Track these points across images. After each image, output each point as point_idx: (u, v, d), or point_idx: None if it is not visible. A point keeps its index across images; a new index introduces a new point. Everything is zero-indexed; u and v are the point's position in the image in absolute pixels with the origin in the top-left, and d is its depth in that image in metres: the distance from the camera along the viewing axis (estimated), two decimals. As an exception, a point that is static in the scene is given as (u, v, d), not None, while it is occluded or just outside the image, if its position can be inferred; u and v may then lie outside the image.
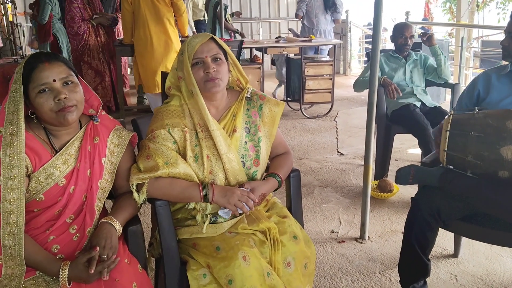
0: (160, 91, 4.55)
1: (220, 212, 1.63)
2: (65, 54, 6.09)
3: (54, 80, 1.42)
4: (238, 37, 6.83)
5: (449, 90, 4.18)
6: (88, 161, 1.52)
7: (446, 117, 1.90)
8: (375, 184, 3.36)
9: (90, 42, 5.33)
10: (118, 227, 1.50)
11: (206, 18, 7.15)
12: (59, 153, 1.48)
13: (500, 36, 10.54)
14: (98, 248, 1.40)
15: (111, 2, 6.32)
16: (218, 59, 1.65)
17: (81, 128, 1.55)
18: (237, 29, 7.04)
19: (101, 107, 1.61)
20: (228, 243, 1.55)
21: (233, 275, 1.46)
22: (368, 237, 2.74)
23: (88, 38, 5.41)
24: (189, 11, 6.37)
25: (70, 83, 1.45)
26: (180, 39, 4.87)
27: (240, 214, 1.66)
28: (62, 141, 1.51)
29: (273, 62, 6.74)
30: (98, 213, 1.54)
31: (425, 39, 3.56)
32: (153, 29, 4.46)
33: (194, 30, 7.07)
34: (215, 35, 6.44)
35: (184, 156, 1.63)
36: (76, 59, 5.52)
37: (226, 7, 6.50)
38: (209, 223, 1.63)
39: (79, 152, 1.51)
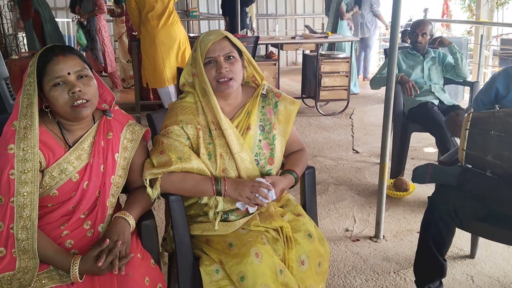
0: (167, 85, 4.56)
1: (237, 204, 1.62)
2: (47, 28, 6.05)
3: (69, 73, 1.42)
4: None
5: (467, 89, 4.11)
6: (102, 157, 1.52)
7: (466, 115, 1.87)
8: (391, 183, 3.32)
9: None
10: (132, 221, 1.49)
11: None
12: (72, 148, 1.48)
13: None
14: (108, 240, 1.40)
15: None
16: (232, 57, 1.63)
17: (94, 123, 1.55)
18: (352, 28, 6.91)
19: (114, 102, 1.61)
20: (241, 240, 1.54)
21: (245, 272, 1.45)
22: (383, 236, 2.70)
23: None
24: None
25: (84, 76, 1.45)
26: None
27: (257, 208, 1.63)
28: (76, 136, 1.51)
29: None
30: (111, 209, 1.54)
31: (436, 44, 3.55)
32: (159, 23, 4.47)
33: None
34: (336, 31, 6.31)
35: (197, 153, 1.62)
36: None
37: (347, 1, 6.52)
38: (221, 220, 1.62)
39: (93, 148, 1.51)
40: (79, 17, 6.44)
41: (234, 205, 1.63)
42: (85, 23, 6.51)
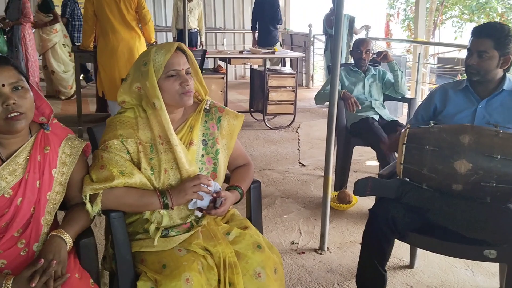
0: None
1: (190, 206, 1.60)
2: None
3: (3, 85, 1.36)
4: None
5: (406, 104, 4.30)
6: (38, 172, 1.45)
7: (403, 130, 1.94)
8: (335, 195, 3.39)
9: None
10: (68, 240, 1.43)
11: (197, 28, 7.16)
12: (5, 162, 1.41)
13: (455, 54, 10.97)
14: (42, 260, 1.33)
15: (16, 4, 6.14)
16: (190, 72, 1.63)
17: (31, 137, 1.48)
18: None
19: (52, 115, 1.55)
20: (175, 262, 1.50)
21: None
22: (327, 248, 2.75)
23: None
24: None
25: (20, 88, 1.39)
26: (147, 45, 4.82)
27: (206, 207, 1.61)
28: (10, 150, 1.43)
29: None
30: (46, 227, 1.47)
31: (380, 58, 3.67)
32: (119, 36, 4.39)
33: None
34: (350, 49, 6.61)
35: (138, 168, 1.58)
36: None
37: (353, 19, 6.67)
38: (160, 236, 1.59)
39: (28, 162, 1.44)
40: (2, 25, 6.18)
41: (176, 221, 1.61)
42: (7, 29, 6.24)
